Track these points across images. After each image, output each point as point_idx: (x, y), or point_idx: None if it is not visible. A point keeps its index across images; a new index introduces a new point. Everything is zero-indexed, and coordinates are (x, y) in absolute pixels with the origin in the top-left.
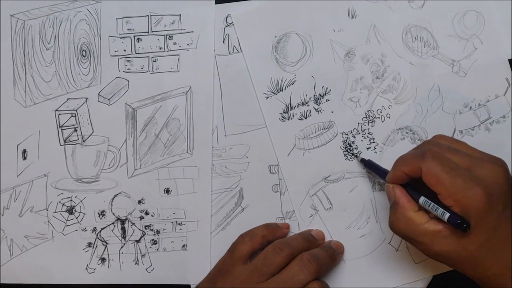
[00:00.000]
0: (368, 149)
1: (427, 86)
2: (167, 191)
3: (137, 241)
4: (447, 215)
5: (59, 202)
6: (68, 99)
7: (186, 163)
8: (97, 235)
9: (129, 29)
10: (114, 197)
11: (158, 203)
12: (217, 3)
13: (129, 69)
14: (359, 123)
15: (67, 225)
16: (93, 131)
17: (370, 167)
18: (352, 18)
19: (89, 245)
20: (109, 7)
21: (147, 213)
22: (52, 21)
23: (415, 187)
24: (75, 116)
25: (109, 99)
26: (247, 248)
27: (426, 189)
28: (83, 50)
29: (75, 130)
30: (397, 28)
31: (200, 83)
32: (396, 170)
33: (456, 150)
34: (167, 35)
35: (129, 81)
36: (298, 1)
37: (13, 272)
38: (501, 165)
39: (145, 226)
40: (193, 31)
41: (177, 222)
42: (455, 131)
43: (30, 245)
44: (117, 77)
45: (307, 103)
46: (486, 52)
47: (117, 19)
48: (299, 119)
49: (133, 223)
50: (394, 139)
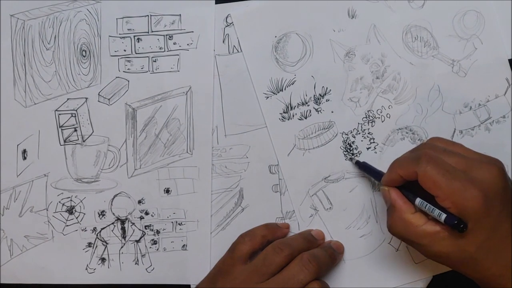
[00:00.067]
0: (368, 149)
1: (427, 86)
2: (167, 191)
3: (137, 241)
4: (443, 216)
5: (59, 202)
6: (68, 99)
7: (186, 163)
8: (97, 235)
9: (129, 29)
10: (114, 197)
11: (158, 203)
12: (217, 3)
13: (129, 69)
14: (359, 123)
15: (67, 225)
16: (93, 131)
17: (365, 169)
18: (352, 18)
19: (89, 245)
20: (109, 7)
21: (147, 213)
22: (52, 21)
23: (411, 189)
24: (75, 116)
25: (109, 99)
26: (247, 248)
27: (422, 190)
28: (83, 50)
29: (75, 130)
30: (397, 28)
31: (200, 83)
32: (391, 173)
33: (452, 152)
34: (167, 35)
35: (129, 81)
36: (298, 1)
37: (13, 272)
38: (497, 165)
39: (145, 226)
40: (193, 31)
41: (177, 222)
42: (455, 131)
43: (30, 245)
44: (117, 77)
45: (307, 103)
46: (486, 52)
47: (117, 19)
48: (299, 119)
49: (133, 223)
50: (394, 139)
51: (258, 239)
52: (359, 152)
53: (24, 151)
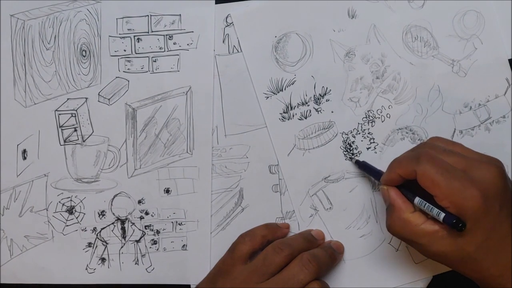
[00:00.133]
0: (368, 149)
1: (427, 86)
2: (167, 191)
3: (137, 241)
4: (442, 215)
5: (59, 202)
6: (68, 99)
7: (186, 163)
8: (97, 235)
9: (129, 29)
10: (114, 197)
11: (158, 203)
12: (217, 3)
13: (129, 69)
14: (359, 123)
15: (67, 225)
16: (93, 131)
17: (364, 169)
18: (352, 18)
19: (89, 245)
20: (109, 7)
21: (147, 213)
22: (52, 21)
23: (410, 188)
24: (75, 116)
25: (109, 99)
26: (247, 248)
27: (421, 189)
28: (83, 50)
29: (75, 130)
30: (397, 28)
31: (200, 83)
32: (391, 172)
33: (451, 152)
34: (167, 35)
35: (129, 81)
36: (298, 1)
37: (13, 272)
38: (497, 165)
39: (145, 226)
40: (193, 31)
41: (177, 222)
42: (455, 131)
43: (30, 245)
44: (117, 77)
45: (307, 103)
46: (486, 52)
47: (117, 19)
48: (299, 119)
49: (133, 223)
50: (394, 139)
51: (258, 239)
52: (359, 152)
53: (24, 151)
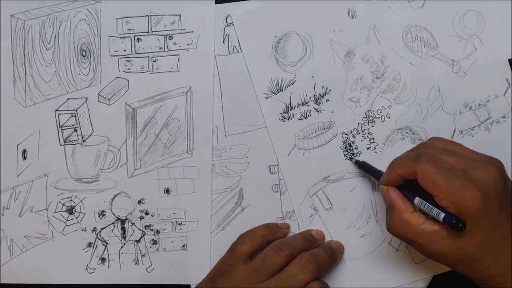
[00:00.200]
0: (368, 149)
1: (427, 86)
2: (167, 191)
3: (137, 241)
4: (442, 215)
5: (59, 202)
6: (68, 99)
7: (186, 163)
8: (97, 235)
9: (129, 29)
10: (114, 197)
11: (158, 203)
12: (217, 3)
13: (129, 69)
14: (359, 123)
15: (67, 225)
16: (93, 131)
17: (364, 169)
18: (352, 18)
19: (89, 245)
20: (109, 7)
21: (147, 213)
22: (52, 21)
23: (410, 188)
24: (75, 116)
25: (109, 99)
26: (247, 248)
27: (421, 189)
28: (83, 50)
29: (75, 130)
30: (397, 28)
31: (200, 83)
32: (391, 172)
33: (451, 152)
34: (167, 35)
35: (129, 81)
36: (298, 1)
37: (13, 272)
38: (497, 165)
39: (145, 226)
40: (193, 31)
41: (177, 222)
42: (455, 131)
43: (30, 245)
44: (117, 77)
45: (307, 103)
46: (486, 52)
47: (117, 19)
48: (299, 119)
49: (133, 223)
50: (394, 139)
51: (258, 239)
52: (359, 152)
53: (24, 151)
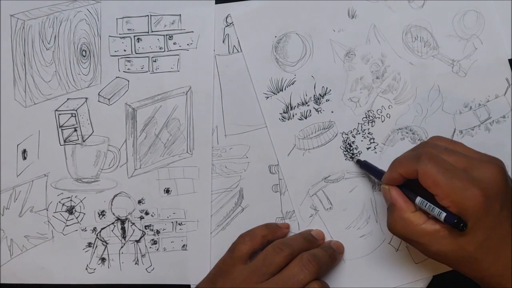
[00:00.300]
0: (368, 149)
1: (427, 86)
2: (167, 191)
3: (137, 241)
4: (443, 214)
5: (59, 202)
6: (68, 99)
7: (186, 163)
8: (97, 235)
9: (129, 29)
10: (114, 197)
11: (158, 203)
12: (217, 3)
13: (129, 69)
14: (359, 123)
15: (67, 225)
16: (93, 131)
17: (366, 168)
18: (352, 18)
19: (89, 245)
20: (109, 7)
21: (147, 213)
22: (52, 21)
23: (411, 188)
24: (75, 116)
25: (109, 99)
26: (247, 248)
27: (423, 189)
28: (83, 50)
29: (75, 130)
30: (397, 28)
31: (200, 83)
32: (392, 171)
33: (453, 151)
34: (167, 35)
35: (129, 81)
36: (298, 1)
37: (13, 272)
38: (498, 165)
39: (145, 226)
40: (193, 31)
41: (177, 222)
42: (455, 131)
43: (30, 245)
44: (117, 77)
45: (307, 103)
46: (486, 52)
47: (117, 19)
48: (299, 119)
49: (133, 223)
50: (394, 139)
51: (258, 239)
52: (359, 152)
53: (24, 151)
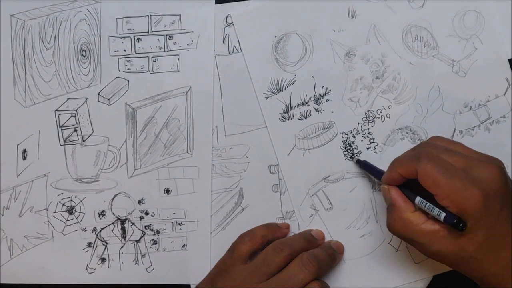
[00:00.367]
0: (368, 149)
1: (427, 86)
2: (167, 191)
3: (137, 241)
4: (443, 214)
5: (59, 202)
6: (68, 99)
7: (186, 163)
8: (97, 235)
9: (129, 29)
10: (114, 197)
11: (158, 203)
12: (217, 3)
13: (129, 69)
14: (359, 123)
15: (67, 225)
16: (93, 131)
17: (366, 168)
18: (352, 18)
19: (89, 245)
20: (109, 7)
21: (147, 213)
22: (52, 21)
23: (411, 188)
24: (75, 116)
25: (109, 99)
26: (247, 248)
27: (422, 189)
28: (83, 50)
29: (75, 130)
30: (397, 28)
31: (200, 83)
32: (391, 171)
33: (452, 151)
34: (167, 35)
35: (129, 81)
36: (298, 1)
37: (13, 272)
38: (497, 165)
39: (145, 226)
40: (193, 31)
41: (177, 222)
42: (455, 131)
43: (30, 245)
44: (117, 77)
45: (307, 103)
46: (486, 52)
47: (117, 19)
48: (299, 119)
49: (133, 223)
50: (394, 139)
51: (258, 239)
52: (359, 152)
53: (24, 151)
